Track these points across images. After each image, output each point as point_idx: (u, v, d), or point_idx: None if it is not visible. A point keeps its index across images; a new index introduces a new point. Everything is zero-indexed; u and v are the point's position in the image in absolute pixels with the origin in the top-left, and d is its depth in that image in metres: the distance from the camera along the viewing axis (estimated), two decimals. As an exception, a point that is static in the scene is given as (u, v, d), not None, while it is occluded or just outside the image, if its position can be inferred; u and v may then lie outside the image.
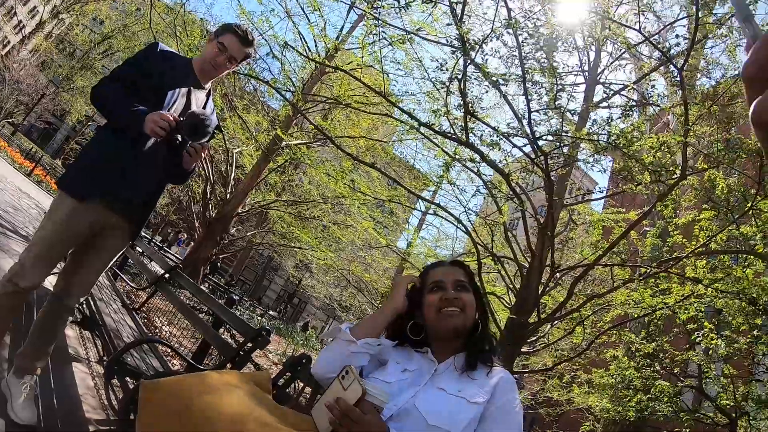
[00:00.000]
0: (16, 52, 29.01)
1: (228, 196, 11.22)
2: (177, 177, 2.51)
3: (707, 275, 6.06)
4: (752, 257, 5.78)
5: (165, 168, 2.39)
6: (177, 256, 15.51)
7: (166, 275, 4.23)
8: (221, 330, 3.62)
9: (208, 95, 2.59)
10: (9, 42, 37.29)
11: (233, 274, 26.71)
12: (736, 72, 6.41)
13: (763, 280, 5.95)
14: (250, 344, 2.60)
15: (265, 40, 8.47)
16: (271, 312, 21.45)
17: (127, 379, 2.44)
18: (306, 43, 7.38)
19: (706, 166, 6.02)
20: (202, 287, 5.13)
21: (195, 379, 1.38)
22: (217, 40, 2.48)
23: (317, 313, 26.77)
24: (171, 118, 2.15)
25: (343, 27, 9.54)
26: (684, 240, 6.66)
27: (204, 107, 2.53)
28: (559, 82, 4.48)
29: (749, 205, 5.32)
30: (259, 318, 15.26)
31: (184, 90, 2.42)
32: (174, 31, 9.92)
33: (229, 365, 2.59)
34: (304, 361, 2.16)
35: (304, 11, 7.80)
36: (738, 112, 7.52)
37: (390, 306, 1.70)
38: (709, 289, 5.84)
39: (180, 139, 2.24)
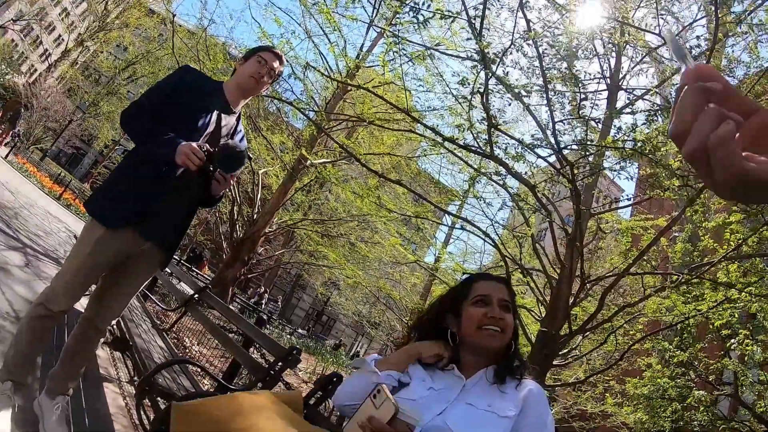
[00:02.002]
0: (42, 80, 29.98)
1: (255, 216, 11.32)
2: (205, 202, 2.53)
3: (740, 279, 5.88)
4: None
5: (195, 194, 2.42)
6: (205, 276, 15.69)
7: (196, 296, 4.29)
8: (251, 349, 3.65)
9: (238, 119, 2.62)
10: (36, 70, 38.66)
11: (262, 294, 26.85)
12: (759, 68, 6.28)
13: None
14: (280, 364, 2.61)
15: (287, 61, 8.57)
16: (300, 330, 21.47)
17: (159, 399, 2.46)
18: (327, 62, 7.50)
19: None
20: (230, 306, 5.17)
21: (227, 401, 1.39)
22: (255, 56, 2.53)
23: (346, 330, 26.73)
24: (202, 152, 2.17)
25: (363, 45, 9.64)
26: (715, 244, 6.49)
27: (234, 132, 2.56)
28: (581, 91, 4.45)
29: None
30: (288, 336, 15.31)
31: (214, 115, 2.45)
32: (197, 56, 10.12)
33: (259, 385, 2.61)
34: (335, 379, 2.16)
35: (324, 31, 7.91)
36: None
37: (416, 352, 1.66)
38: (742, 293, 5.67)
39: (212, 169, 2.26)
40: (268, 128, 11.86)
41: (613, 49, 6.08)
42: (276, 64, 2.55)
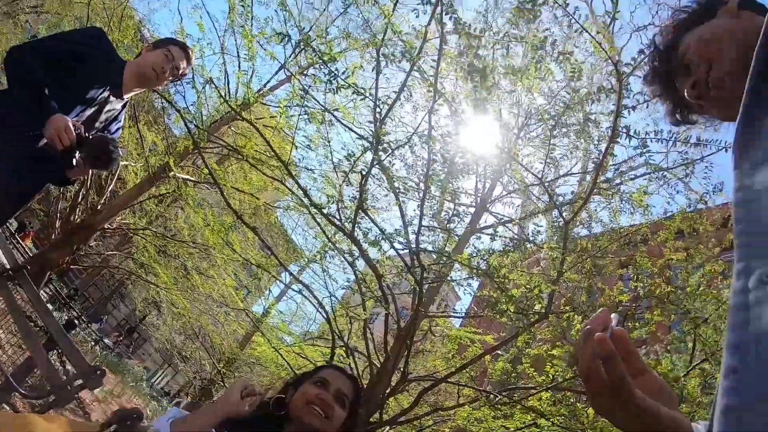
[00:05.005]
0: None
1: (99, 207, 10.39)
2: (55, 180, 2.23)
3: (550, 408, 6.29)
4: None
5: (48, 167, 2.11)
6: (26, 247, 14.03)
7: (9, 272, 3.69)
8: (52, 353, 3.18)
9: (123, 107, 2.36)
10: None
11: (78, 288, 24.38)
12: (612, 229, 7.00)
13: (601, 422, 6.27)
14: (80, 381, 2.31)
15: (192, 68, 8.19)
16: (107, 340, 19.74)
17: None
18: (228, 85, 7.25)
19: (568, 309, 6.41)
20: (42, 292, 4.52)
21: (17, 421, 1.16)
22: (164, 48, 2.31)
23: (153, 354, 24.78)
24: (74, 134, 1.89)
25: (268, 82, 9.57)
26: (533, 370, 6.94)
27: (114, 119, 2.31)
28: (455, 207, 4.71)
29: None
30: (92, 344, 14.05)
31: (105, 94, 2.18)
32: (108, 20, 9.37)
33: (52, 398, 2.37)
34: (135, 416, 1.92)
35: (238, 53, 7.72)
36: (605, 265, 8.21)
37: (223, 408, 1.58)
38: (551, 421, 6.04)
39: (77, 155, 1.98)
40: (146, 123, 11.15)
41: (492, 174, 6.56)
42: (182, 64, 2.37)
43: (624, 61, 3.96)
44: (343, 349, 5.91)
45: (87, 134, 2.01)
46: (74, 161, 1.99)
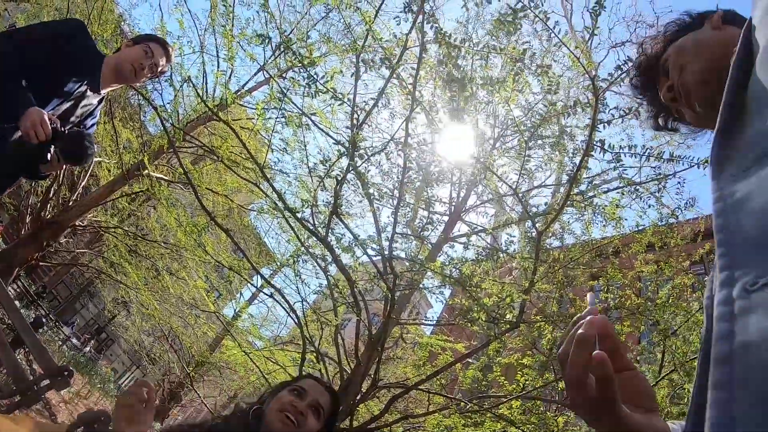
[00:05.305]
0: None
1: (71, 202, 10.17)
2: (28, 173, 2.18)
3: (521, 416, 6.32)
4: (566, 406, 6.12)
5: (21, 159, 2.06)
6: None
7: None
8: (19, 351, 3.10)
9: (100, 102, 2.31)
10: None
11: (46, 285, 23.83)
12: (584, 241, 7.08)
13: (571, 430, 6.32)
14: (47, 382, 2.24)
15: (171, 65, 8.08)
16: (74, 340, 19.36)
17: None
18: (206, 84, 7.18)
19: (539, 318, 6.48)
20: (10, 289, 4.40)
21: None
22: (143, 44, 2.27)
23: (122, 356, 24.32)
24: (50, 128, 1.84)
25: (246, 83, 9.51)
26: (504, 379, 6.98)
27: (89, 115, 2.26)
28: (429, 215, 4.74)
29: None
30: (60, 343, 13.80)
31: (82, 88, 2.13)
32: (88, 12, 9.19)
33: (17, 397, 2.25)
34: (102, 418, 1.87)
35: (218, 54, 7.66)
36: (576, 276, 8.31)
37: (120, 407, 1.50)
38: (521, 431, 6.08)
39: (52, 150, 1.93)
40: (122, 119, 10.95)
41: (466, 185, 6.60)
42: (162, 61, 2.35)
43: (601, 76, 4.02)
44: (314, 354, 5.88)
45: (63, 129, 1.97)
46: (49, 156, 1.96)
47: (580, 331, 0.67)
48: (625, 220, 6.36)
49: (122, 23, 11.39)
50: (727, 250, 0.55)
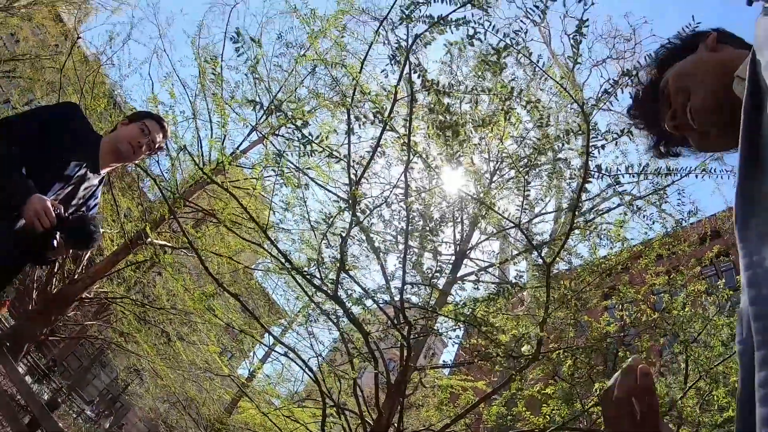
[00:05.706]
0: None
1: (77, 275, 10.15)
2: (34, 259, 2.19)
3: None
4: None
5: (26, 247, 2.07)
6: (2, 317, 13.58)
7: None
8: None
9: (100, 182, 2.33)
10: None
11: (56, 358, 23.53)
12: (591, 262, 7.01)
13: None
14: None
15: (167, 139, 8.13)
16: (89, 411, 19.04)
17: None
18: (202, 149, 7.27)
19: (557, 347, 6.37)
20: (20, 364, 4.37)
21: None
22: (140, 122, 2.31)
23: (138, 424, 23.83)
24: (54, 215, 1.86)
25: (240, 144, 9.62)
26: (528, 412, 6.82)
27: (91, 196, 2.28)
28: (438, 263, 4.73)
29: (596, 386, 5.60)
30: (75, 417, 13.60)
31: (82, 171, 2.15)
32: (81, 87, 9.37)
33: None
34: None
35: (210, 118, 7.76)
36: (588, 298, 8.21)
37: None
38: None
39: (58, 236, 1.93)
40: (121, 189, 11.04)
41: (469, 222, 6.60)
42: (159, 137, 2.38)
43: (587, 94, 4.06)
44: (333, 408, 5.77)
45: (66, 214, 1.99)
46: (55, 243, 1.96)
47: (629, 364, 0.79)
48: (631, 234, 6.34)
49: (114, 94, 11.57)
50: (765, 326, 0.53)
